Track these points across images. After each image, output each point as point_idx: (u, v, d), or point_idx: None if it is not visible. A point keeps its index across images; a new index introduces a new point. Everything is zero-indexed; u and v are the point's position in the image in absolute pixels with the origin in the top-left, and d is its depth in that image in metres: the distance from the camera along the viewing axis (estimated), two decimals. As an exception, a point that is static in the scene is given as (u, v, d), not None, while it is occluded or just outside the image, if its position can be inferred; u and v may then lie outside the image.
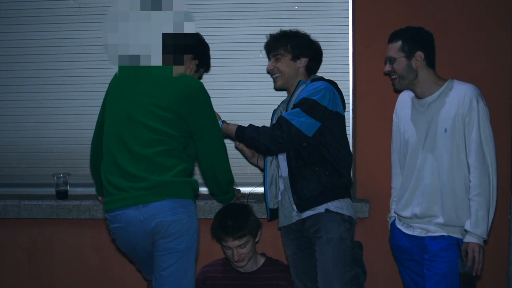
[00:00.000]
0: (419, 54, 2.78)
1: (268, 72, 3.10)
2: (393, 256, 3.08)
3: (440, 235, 2.79)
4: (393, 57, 2.81)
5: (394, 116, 3.05)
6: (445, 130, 2.75)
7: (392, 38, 2.84)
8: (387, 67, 2.85)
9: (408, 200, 2.87)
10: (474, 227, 2.68)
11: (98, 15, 3.48)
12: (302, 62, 3.02)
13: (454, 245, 2.76)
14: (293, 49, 2.99)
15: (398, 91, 2.97)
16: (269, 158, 3.11)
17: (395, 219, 3.01)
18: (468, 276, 2.68)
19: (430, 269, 2.78)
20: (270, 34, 3.08)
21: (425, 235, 2.83)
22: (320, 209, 2.90)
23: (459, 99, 2.73)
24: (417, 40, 2.80)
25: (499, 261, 3.37)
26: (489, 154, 2.71)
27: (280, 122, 2.87)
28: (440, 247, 2.77)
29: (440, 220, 2.78)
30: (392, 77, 2.86)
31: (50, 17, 3.57)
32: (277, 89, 3.18)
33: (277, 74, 3.03)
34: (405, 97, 2.97)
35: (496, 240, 3.33)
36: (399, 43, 2.80)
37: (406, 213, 2.88)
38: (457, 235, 2.78)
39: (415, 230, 2.87)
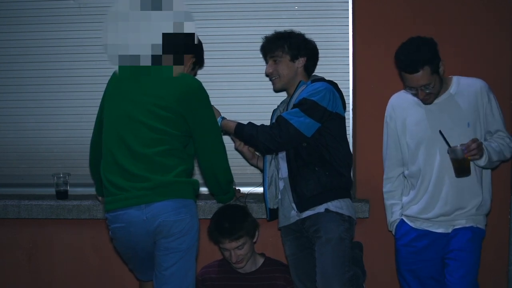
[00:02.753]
0: (443, 64, 2.80)
1: (267, 75, 3.11)
2: (399, 262, 3.04)
3: (469, 226, 2.86)
4: (428, 84, 2.76)
5: (389, 121, 3.02)
6: (468, 125, 2.80)
7: (415, 68, 2.72)
8: (422, 94, 2.78)
9: (431, 201, 2.88)
10: (486, 157, 2.73)
11: (98, 15, 3.48)
12: (301, 62, 3.01)
13: (478, 239, 2.87)
14: (291, 50, 2.99)
15: (431, 103, 2.87)
16: (268, 159, 3.11)
17: (402, 221, 3.00)
18: (460, 161, 2.70)
19: (457, 261, 2.83)
20: (266, 36, 3.07)
21: (450, 231, 2.88)
22: (320, 209, 2.90)
23: (476, 93, 2.82)
24: (435, 54, 2.76)
25: (499, 261, 3.37)
26: (503, 125, 2.88)
27: (279, 121, 2.87)
28: (467, 238, 2.84)
29: (469, 212, 2.85)
30: (427, 99, 2.81)
31: (50, 17, 3.57)
32: (276, 91, 3.19)
33: (276, 77, 3.04)
34: (402, 99, 2.96)
35: (496, 240, 3.33)
36: (426, 70, 2.73)
37: (430, 214, 2.89)
38: (481, 225, 2.89)
39: (440, 227, 2.89)
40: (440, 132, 2.77)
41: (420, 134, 2.89)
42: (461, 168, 2.72)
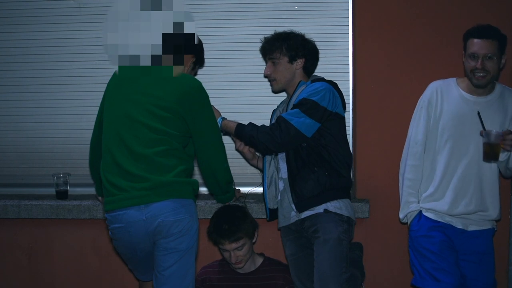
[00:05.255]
0: (504, 58, 2.83)
1: (265, 76, 3.11)
2: (415, 251, 2.97)
3: (486, 228, 2.93)
4: (492, 56, 2.77)
5: (426, 105, 2.94)
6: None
7: (488, 35, 2.76)
8: (481, 64, 2.76)
9: (456, 199, 2.88)
10: (507, 154, 2.79)
11: (98, 15, 3.48)
12: (299, 63, 3.01)
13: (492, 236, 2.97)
14: (289, 51, 2.98)
15: (478, 87, 2.83)
16: (267, 159, 3.11)
17: (420, 213, 2.97)
18: (492, 146, 2.71)
19: (482, 264, 2.91)
20: (264, 37, 3.07)
21: (471, 229, 2.91)
22: (319, 209, 2.90)
23: (510, 104, 2.87)
24: (505, 41, 2.81)
25: (499, 261, 3.36)
26: None
27: (279, 122, 2.87)
28: (487, 242, 2.93)
29: (489, 215, 2.90)
30: (481, 74, 2.78)
31: (50, 17, 3.57)
32: (275, 92, 3.19)
33: (274, 79, 3.04)
34: (448, 87, 2.93)
35: (496, 240, 3.32)
36: (496, 42, 2.76)
37: (455, 211, 2.89)
38: (495, 226, 2.98)
39: (459, 223, 2.91)
40: (478, 113, 2.79)
41: (455, 128, 2.87)
42: (491, 153, 2.72)
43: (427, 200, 2.96)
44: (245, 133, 2.93)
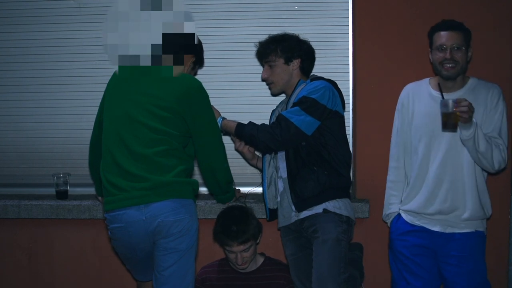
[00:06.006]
0: (471, 51, 2.86)
1: (263, 80, 3.11)
2: (392, 252, 3.04)
3: (468, 231, 2.85)
4: (460, 46, 2.80)
5: (400, 108, 3.01)
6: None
7: (454, 27, 2.82)
8: (450, 54, 2.79)
9: (431, 197, 2.87)
10: (473, 131, 2.68)
11: (98, 15, 3.48)
12: (295, 64, 3.01)
13: (481, 240, 2.88)
14: (284, 53, 2.99)
15: (448, 78, 2.84)
16: (267, 159, 3.11)
17: (399, 215, 2.99)
18: (449, 115, 2.68)
19: (461, 268, 2.84)
20: (259, 42, 3.08)
21: (449, 232, 2.86)
22: (318, 209, 2.90)
23: (487, 95, 2.82)
24: (470, 37, 2.85)
25: (499, 261, 3.37)
26: (504, 135, 2.81)
27: (279, 120, 2.87)
28: (468, 246, 2.84)
29: (466, 215, 2.83)
30: (450, 65, 2.80)
31: (50, 17, 3.57)
32: (273, 95, 3.20)
33: (271, 82, 3.05)
34: (417, 89, 2.95)
35: (496, 240, 3.32)
36: (462, 34, 2.81)
37: (430, 210, 2.88)
38: (481, 228, 2.88)
39: (436, 226, 2.88)
40: (439, 85, 2.82)
41: (426, 126, 2.88)
42: (448, 122, 2.70)
43: (405, 201, 2.98)
44: (246, 132, 2.94)
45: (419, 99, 2.93)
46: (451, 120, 2.69)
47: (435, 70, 2.88)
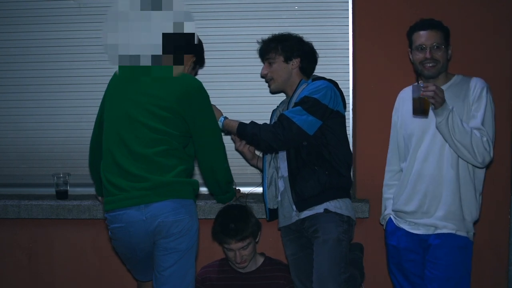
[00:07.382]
0: (450, 49, 2.86)
1: (262, 77, 3.12)
2: (388, 258, 3.06)
3: (448, 232, 2.77)
4: (439, 45, 2.81)
5: (393, 115, 3.05)
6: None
7: (433, 26, 2.82)
8: (430, 54, 2.79)
9: (413, 192, 2.86)
10: (446, 116, 2.66)
11: (98, 15, 3.48)
12: (295, 63, 3.02)
13: (461, 248, 2.77)
14: (284, 51, 3.00)
15: (430, 77, 2.83)
16: (267, 159, 3.11)
17: (391, 218, 3.00)
18: (418, 100, 2.68)
19: (433, 272, 2.78)
20: (262, 39, 3.09)
21: (431, 233, 2.82)
22: (319, 209, 2.90)
23: (469, 88, 2.81)
24: (448, 35, 2.86)
25: (499, 261, 3.37)
26: (488, 127, 2.75)
27: (281, 119, 2.87)
28: (445, 250, 2.77)
29: (441, 211, 2.77)
30: (430, 64, 2.80)
31: (50, 17, 3.57)
32: (272, 92, 3.20)
33: (270, 79, 3.05)
34: (407, 92, 2.95)
35: (496, 240, 3.33)
36: (440, 33, 2.82)
37: (410, 207, 2.87)
38: (463, 233, 2.78)
39: (420, 229, 2.86)
40: (415, 71, 2.86)
41: (410, 127, 2.88)
42: (419, 108, 2.69)
43: (394, 201, 2.99)
44: (247, 132, 2.94)
45: (405, 101, 2.94)
46: (420, 105, 2.69)
47: (416, 70, 2.90)
